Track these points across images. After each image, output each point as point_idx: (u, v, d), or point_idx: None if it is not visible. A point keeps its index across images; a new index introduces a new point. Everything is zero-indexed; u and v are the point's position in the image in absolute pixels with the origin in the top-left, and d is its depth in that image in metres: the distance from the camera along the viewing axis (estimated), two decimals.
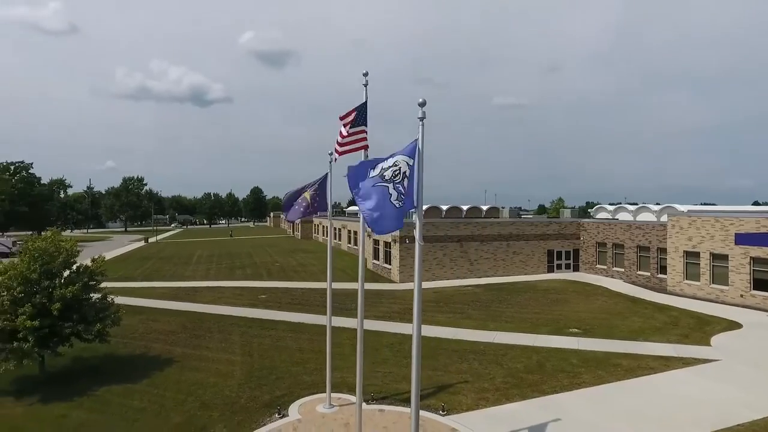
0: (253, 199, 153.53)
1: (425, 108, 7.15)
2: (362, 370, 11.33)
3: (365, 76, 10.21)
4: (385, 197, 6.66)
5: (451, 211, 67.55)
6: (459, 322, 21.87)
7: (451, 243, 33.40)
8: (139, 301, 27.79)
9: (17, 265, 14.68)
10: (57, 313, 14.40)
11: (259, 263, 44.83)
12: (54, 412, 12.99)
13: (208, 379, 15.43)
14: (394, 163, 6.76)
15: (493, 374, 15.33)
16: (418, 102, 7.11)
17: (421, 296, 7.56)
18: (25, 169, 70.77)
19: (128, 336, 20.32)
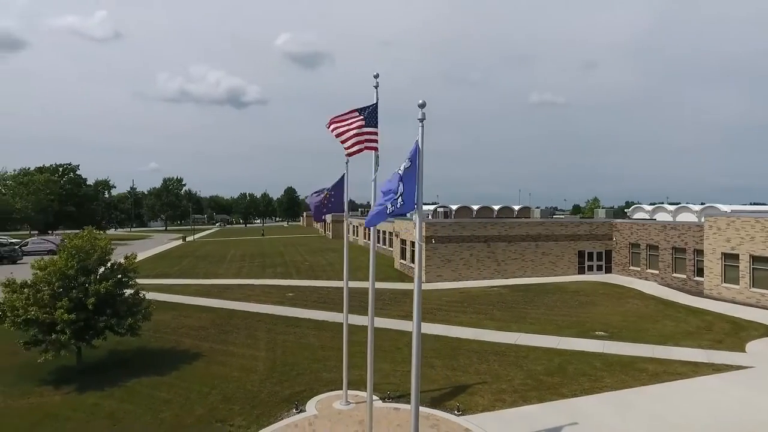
0: (287, 199, 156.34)
1: (425, 109, 7.26)
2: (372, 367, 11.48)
3: (376, 78, 10.37)
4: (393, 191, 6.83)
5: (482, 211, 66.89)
6: (482, 323, 21.73)
7: (478, 243, 33.14)
8: (173, 297, 28.91)
9: (56, 261, 15.59)
10: (92, 308, 15.20)
11: (289, 262, 45.72)
12: (88, 401, 13.74)
13: (232, 373, 15.95)
14: (403, 167, 6.90)
15: (512, 376, 15.21)
16: (418, 103, 7.22)
17: (420, 295, 7.66)
18: (72, 170, 74.64)
19: (160, 330, 21.21)
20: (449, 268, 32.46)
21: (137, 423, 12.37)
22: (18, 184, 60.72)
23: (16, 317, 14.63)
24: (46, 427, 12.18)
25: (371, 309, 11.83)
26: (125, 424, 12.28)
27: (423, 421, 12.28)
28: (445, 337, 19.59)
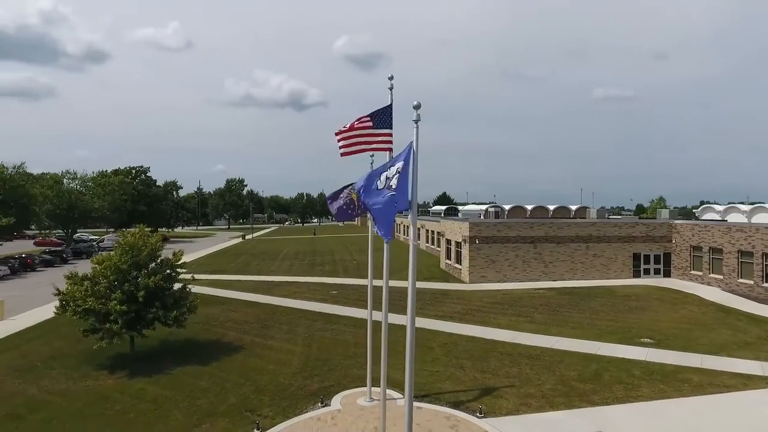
0: None
1: (420, 111, 7.36)
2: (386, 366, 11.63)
3: (390, 80, 10.53)
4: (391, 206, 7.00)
5: (537, 211, 64.94)
6: (520, 326, 21.27)
7: (524, 244, 32.31)
8: (224, 292, 30.51)
9: (112, 257, 17.02)
10: (142, 300, 16.46)
11: (337, 261, 46.72)
12: (135, 386, 14.92)
13: (267, 366, 16.69)
14: (397, 170, 7.06)
15: (543, 380, 14.84)
16: (413, 105, 7.33)
17: (414, 293, 7.77)
18: (144, 172, 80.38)
19: (209, 323, 22.50)
20: (493, 269, 31.90)
21: (175, 408, 13.28)
22: (96, 186, 66.16)
23: (77, 307, 16.13)
24: (97, 407, 13.37)
25: (385, 308, 11.99)
26: (164, 409, 13.22)
27: (443, 421, 12.36)
28: (479, 339, 19.37)
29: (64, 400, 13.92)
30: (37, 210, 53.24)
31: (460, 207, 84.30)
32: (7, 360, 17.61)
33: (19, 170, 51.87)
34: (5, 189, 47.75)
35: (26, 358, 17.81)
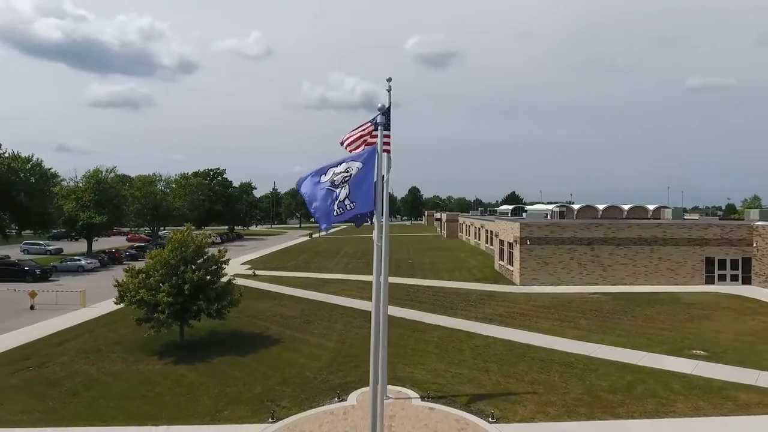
0: (411, 198, 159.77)
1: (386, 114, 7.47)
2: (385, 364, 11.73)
3: (389, 81, 10.66)
4: (328, 198, 7.19)
5: (609, 211, 61.36)
6: (562, 331, 20.38)
7: (580, 246, 30.73)
8: (279, 287, 32.02)
9: (162, 252, 18.61)
10: (188, 293, 17.87)
11: (393, 260, 47.09)
12: (177, 372, 16.23)
13: (298, 359, 17.42)
14: (346, 168, 7.24)
15: (569, 389, 14.20)
16: (378, 107, 7.47)
17: (380, 294, 7.88)
18: (220, 174, 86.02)
19: (257, 317, 23.81)
20: (546, 272, 30.67)
21: (206, 394, 14.32)
22: (178, 187, 71.89)
23: (132, 297, 17.85)
24: (140, 389, 14.74)
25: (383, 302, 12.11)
26: (196, 394, 14.30)
27: (452, 423, 12.28)
28: (514, 343, 18.85)
29: (115, 381, 15.49)
30: (126, 209, 58.95)
31: (528, 207, 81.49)
32: (80, 343, 19.82)
33: (112, 173, 57.72)
34: (100, 191, 53.33)
35: (95, 341, 19.93)
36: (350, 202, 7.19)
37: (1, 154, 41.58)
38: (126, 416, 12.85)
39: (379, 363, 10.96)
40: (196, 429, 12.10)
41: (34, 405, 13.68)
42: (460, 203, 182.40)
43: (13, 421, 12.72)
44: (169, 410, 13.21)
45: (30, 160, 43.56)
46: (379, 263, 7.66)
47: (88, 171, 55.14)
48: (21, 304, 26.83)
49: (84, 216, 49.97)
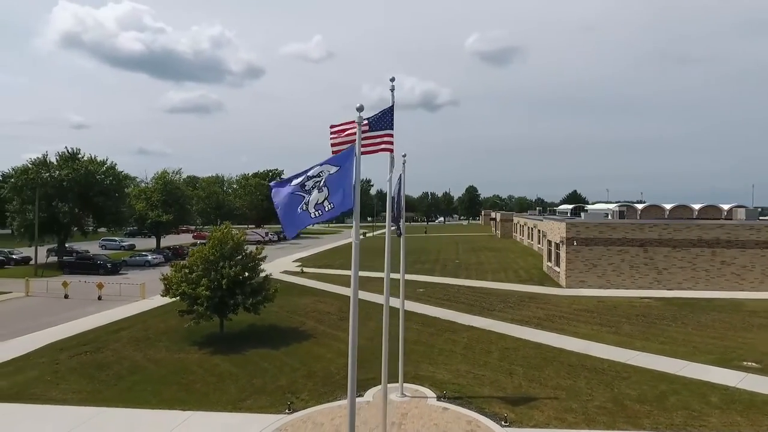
0: (468, 198, 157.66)
1: (363, 113, 7.64)
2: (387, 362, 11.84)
3: (392, 81, 10.78)
4: (296, 205, 7.38)
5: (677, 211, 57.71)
6: (601, 336, 19.47)
7: (632, 247, 29.05)
8: (322, 284, 32.91)
9: (203, 249, 19.77)
10: (225, 288, 18.90)
11: (440, 259, 46.87)
12: (212, 362, 17.22)
13: (326, 354, 17.90)
14: (319, 173, 7.43)
15: (594, 396, 13.62)
16: (356, 107, 7.63)
17: (356, 295, 8.03)
18: (278, 175, 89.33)
19: (296, 312, 24.65)
20: (594, 274, 29.29)
21: (233, 384, 15.11)
22: (239, 187, 75.67)
23: (175, 291, 19.13)
24: (176, 376, 15.80)
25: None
26: (225, 383, 15.12)
27: (463, 424, 12.19)
28: (546, 347, 18.26)
29: (156, 367, 16.70)
30: (190, 209, 62.83)
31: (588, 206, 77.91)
32: (133, 332, 21.49)
33: (178, 175, 61.78)
34: (167, 191, 57.22)
35: (146, 331, 21.53)
36: (329, 204, 7.38)
37: (80, 158, 45.74)
38: (159, 400, 13.84)
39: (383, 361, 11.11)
40: (217, 416, 12.83)
41: (83, 386, 15.07)
42: (520, 203, 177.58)
43: (63, 399, 14.10)
44: (197, 397, 14.08)
45: (105, 163, 47.56)
46: (356, 260, 7.82)
47: (156, 173, 59.45)
48: (92, 295, 29.42)
49: (152, 215, 53.82)
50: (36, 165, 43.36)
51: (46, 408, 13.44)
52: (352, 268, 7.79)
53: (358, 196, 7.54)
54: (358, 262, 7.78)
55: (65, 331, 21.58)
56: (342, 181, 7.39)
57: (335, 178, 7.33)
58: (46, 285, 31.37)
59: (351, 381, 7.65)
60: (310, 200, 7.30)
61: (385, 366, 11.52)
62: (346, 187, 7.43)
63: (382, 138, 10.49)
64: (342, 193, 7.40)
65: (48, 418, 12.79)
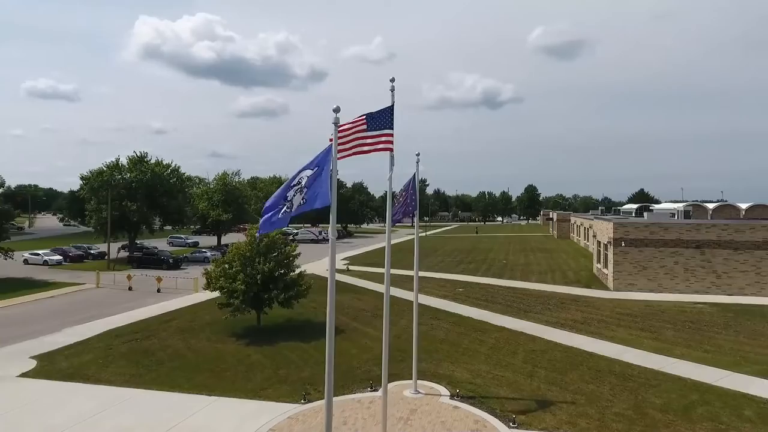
0: (527, 197, 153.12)
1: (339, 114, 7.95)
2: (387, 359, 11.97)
3: (392, 81, 11.00)
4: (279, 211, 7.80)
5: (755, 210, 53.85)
6: (638, 342, 18.53)
7: (687, 249, 27.18)
8: (363, 282, 33.53)
9: (241, 245, 20.91)
10: (260, 283, 19.90)
11: (487, 259, 46.12)
12: (245, 352, 18.21)
13: (352, 349, 18.38)
14: (298, 180, 7.80)
15: (615, 402, 13.10)
16: (333, 108, 7.96)
17: (333, 294, 8.32)
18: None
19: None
20: (645, 277, 27.70)
21: (260, 373, 15.94)
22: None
23: (215, 285, 20.40)
24: (210, 364, 16.84)
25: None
26: (252, 372, 15.98)
27: (470, 423, 12.20)
28: (576, 350, 17.68)
29: (195, 356, 17.92)
30: (248, 208, 65.89)
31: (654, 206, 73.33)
32: (182, 322, 23.08)
33: (237, 177, 65.05)
34: (226, 191, 60.42)
35: (193, 322, 23.06)
36: (302, 199, 7.75)
37: (147, 161, 49.46)
38: (190, 385, 14.90)
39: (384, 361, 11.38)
40: (238, 402, 13.63)
41: (128, 369, 16.49)
42: (585, 202, 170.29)
43: (109, 380, 15.52)
44: (225, 384, 15.01)
45: (169, 166, 51.08)
46: (333, 257, 8.15)
47: (217, 174, 62.93)
48: (152, 288, 31.81)
49: (213, 214, 57.06)
50: (109, 168, 47.40)
51: (94, 387, 14.88)
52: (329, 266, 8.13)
53: (334, 195, 7.85)
54: (335, 259, 8.09)
55: (123, 319, 23.56)
56: (316, 179, 7.73)
57: (312, 177, 7.70)
58: (114, 278, 34.29)
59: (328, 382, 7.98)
60: (294, 202, 7.69)
61: (385, 366, 11.78)
62: (322, 184, 7.77)
63: (381, 137, 10.71)
64: (316, 190, 7.73)
65: (93, 396, 14.17)
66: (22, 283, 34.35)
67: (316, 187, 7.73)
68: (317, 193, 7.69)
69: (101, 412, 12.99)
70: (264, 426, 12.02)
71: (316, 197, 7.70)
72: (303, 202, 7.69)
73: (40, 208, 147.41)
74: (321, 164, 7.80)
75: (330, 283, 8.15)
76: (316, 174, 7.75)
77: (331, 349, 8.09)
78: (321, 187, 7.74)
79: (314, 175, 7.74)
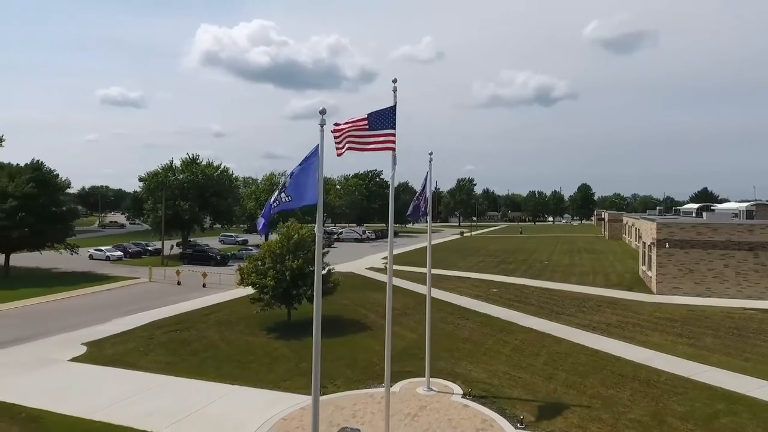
0: (581, 197, 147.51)
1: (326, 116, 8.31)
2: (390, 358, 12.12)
3: (394, 82, 11.21)
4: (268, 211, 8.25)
5: None
6: (672, 347, 17.70)
7: (739, 251, 25.45)
8: (397, 281, 33.71)
9: (272, 243, 21.79)
10: (289, 279, 20.67)
11: (528, 260, 45.08)
12: (273, 345, 19.00)
13: (374, 346, 18.73)
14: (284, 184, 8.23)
15: (632, 408, 12.67)
16: (319, 110, 8.30)
17: (320, 294, 8.64)
18: (377, 176, 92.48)
19: (362, 305, 25.87)
20: (691, 280, 26.20)
21: (283, 366, 16.63)
22: (341, 188, 79.90)
23: (247, 280, 21.39)
24: (240, 355, 17.72)
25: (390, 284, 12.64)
26: (276, 365, 16.70)
27: (477, 422, 12.25)
28: (602, 353, 17.15)
29: (227, 347, 18.91)
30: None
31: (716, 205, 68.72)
32: (221, 315, 24.32)
33: (283, 177, 67.21)
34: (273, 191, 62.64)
35: (230, 315, 24.23)
36: (287, 197, 8.14)
37: (198, 162, 52.16)
38: (217, 375, 15.78)
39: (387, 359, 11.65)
40: (257, 391, 14.33)
41: (165, 358, 17.67)
42: (644, 202, 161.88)
43: (147, 367, 16.71)
44: (249, 374, 15.79)
45: (219, 167, 53.63)
46: (319, 255, 8.50)
47: (265, 175, 65.32)
48: (199, 283, 33.61)
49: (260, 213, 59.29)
50: (164, 169, 50.42)
51: (132, 373, 16.08)
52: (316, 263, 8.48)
53: (320, 193, 8.19)
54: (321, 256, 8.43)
55: (167, 312, 25.13)
56: (302, 177, 8.10)
57: (297, 175, 8.09)
58: (164, 273, 36.54)
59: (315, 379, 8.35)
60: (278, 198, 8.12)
61: (388, 364, 12.01)
62: (307, 183, 8.13)
63: (383, 137, 10.94)
64: (301, 188, 8.10)
65: (129, 380, 15.35)
66: (85, 276, 37.31)
67: (299, 183, 8.08)
68: (304, 192, 8.06)
69: (134, 395, 14.06)
70: (276, 415, 12.60)
71: (301, 194, 8.07)
72: (288, 199, 8.09)
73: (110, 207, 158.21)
74: (305, 162, 8.16)
75: (316, 283, 8.51)
76: (302, 173, 8.11)
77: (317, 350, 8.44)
78: (305, 184, 8.09)
79: (299, 172, 8.10)
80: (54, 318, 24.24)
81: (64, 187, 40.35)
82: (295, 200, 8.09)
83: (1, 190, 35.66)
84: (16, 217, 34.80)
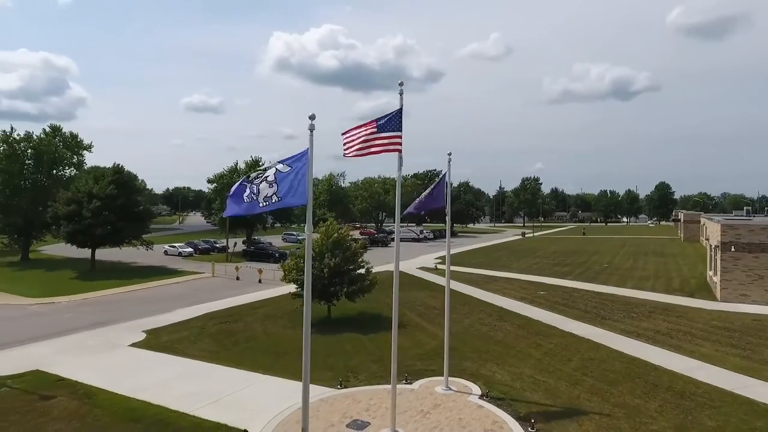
0: (658, 196, 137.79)
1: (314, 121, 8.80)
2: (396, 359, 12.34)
3: (401, 85, 11.49)
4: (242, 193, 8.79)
5: None
6: (721, 359, 16.46)
7: None
8: (442, 281, 33.73)
9: (313, 242, 22.74)
10: (327, 276, 21.51)
11: (587, 263, 43.11)
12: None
13: (405, 344, 19.00)
14: (265, 169, 8.77)
15: (657, 420, 12.08)
16: (309, 115, 8.80)
17: (309, 293, 9.12)
18: (436, 175, 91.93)
19: (405, 305, 26.05)
20: (761, 287, 23.94)
21: (312, 359, 17.36)
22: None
23: (288, 277, 22.50)
24: (276, 347, 18.79)
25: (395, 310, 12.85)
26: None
27: (487, 424, 12.34)
28: (640, 361, 16.33)
29: (266, 338, 20.07)
30: (352, 207, 69.62)
31: None
32: (267, 310, 25.69)
33: (341, 178, 69.07)
34: (332, 192, 64.62)
35: (276, 310, 25.53)
36: (276, 197, 8.67)
37: (261, 164, 54.98)
38: (251, 364, 16.85)
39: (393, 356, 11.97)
40: (285, 381, 15.18)
41: (210, 347, 19.10)
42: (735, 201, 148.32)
43: (193, 354, 18.15)
44: (280, 365, 16.72)
45: None
46: (309, 253, 8.99)
47: (324, 175, 67.49)
48: (256, 278, 35.59)
49: (318, 213, 61.44)
50: (229, 171, 53.70)
51: (178, 359, 17.58)
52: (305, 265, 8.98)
53: (310, 195, 8.69)
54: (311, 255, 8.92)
55: (222, 304, 26.94)
56: (291, 180, 8.61)
57: (285, 176, 8.62)
58: (225, 269, 39.01)
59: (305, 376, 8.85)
60: (260, 192, 8.66)
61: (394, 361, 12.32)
62: (298, 185, 8.65)
63: (391, 139, 11.29)
64: (291, 190, 8.61)
65: (174, 365, 16.81)
66: (158, 270, 40.70)
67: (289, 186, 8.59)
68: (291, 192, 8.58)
69: (176, 379, 15.43)
70: (295, 404, 13.30)
71: (291, 195, 8.60)
72: (278, 199, 8.64)
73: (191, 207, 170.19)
74: (294, 164, 8.69)
75: (306, 282, 9.02)
76: (291, 175, 8.63)
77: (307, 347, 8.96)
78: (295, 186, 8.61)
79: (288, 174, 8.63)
80: (126, 307, 26.84)
81: (141, 188, 44.26)
82: (284, 200, 8.64)
83: (87, 191, 39.83)
84: (100, 215, 38.74)
